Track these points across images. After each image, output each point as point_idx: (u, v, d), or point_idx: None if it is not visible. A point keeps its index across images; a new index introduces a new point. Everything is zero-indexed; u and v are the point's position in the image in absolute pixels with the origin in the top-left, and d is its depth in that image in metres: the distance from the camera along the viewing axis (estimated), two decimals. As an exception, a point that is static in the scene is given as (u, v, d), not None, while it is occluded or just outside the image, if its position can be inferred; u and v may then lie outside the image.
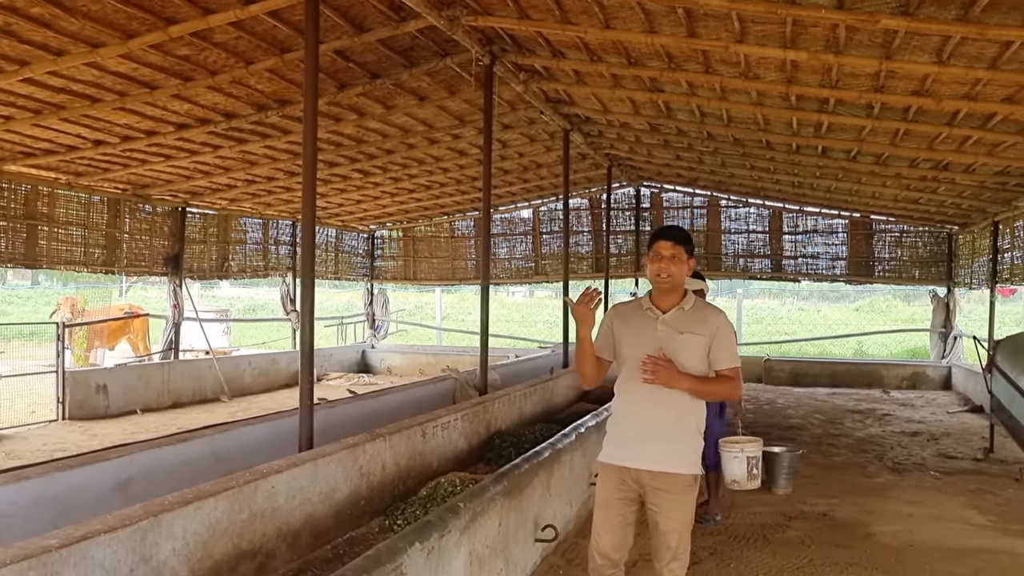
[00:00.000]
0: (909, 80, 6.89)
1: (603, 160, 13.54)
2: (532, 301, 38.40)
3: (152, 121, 9.09)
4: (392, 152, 11.73)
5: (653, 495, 3.65)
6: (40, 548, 2.83)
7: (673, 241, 3.68)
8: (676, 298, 3.72)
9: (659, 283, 3.69)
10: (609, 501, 3.74)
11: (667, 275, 3.65)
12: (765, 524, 6.42)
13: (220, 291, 36.00)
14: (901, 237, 15.81)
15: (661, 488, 3.62)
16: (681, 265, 3.67)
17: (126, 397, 11.84)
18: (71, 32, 6.58)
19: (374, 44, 7.68)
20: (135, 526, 3.18)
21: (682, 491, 3.63)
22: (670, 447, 3.61)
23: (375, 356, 18.17)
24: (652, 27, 6.70)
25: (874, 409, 12.61)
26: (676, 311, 3.69)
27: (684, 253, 3.68)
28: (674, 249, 3.66)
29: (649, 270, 3.73)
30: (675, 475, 3.61)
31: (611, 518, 3.73)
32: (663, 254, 3.66)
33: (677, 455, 3.62)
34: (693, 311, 3.71)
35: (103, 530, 3.06)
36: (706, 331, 3.65)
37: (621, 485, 3.71)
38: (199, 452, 5.29)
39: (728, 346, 3.68)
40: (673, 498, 3.62)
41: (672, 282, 3.67)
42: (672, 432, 3.63)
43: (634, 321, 3.76)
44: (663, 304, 3.72)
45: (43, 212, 11.23)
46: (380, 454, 5.30)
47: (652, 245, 3.73)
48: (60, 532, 3.00)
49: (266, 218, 15.75)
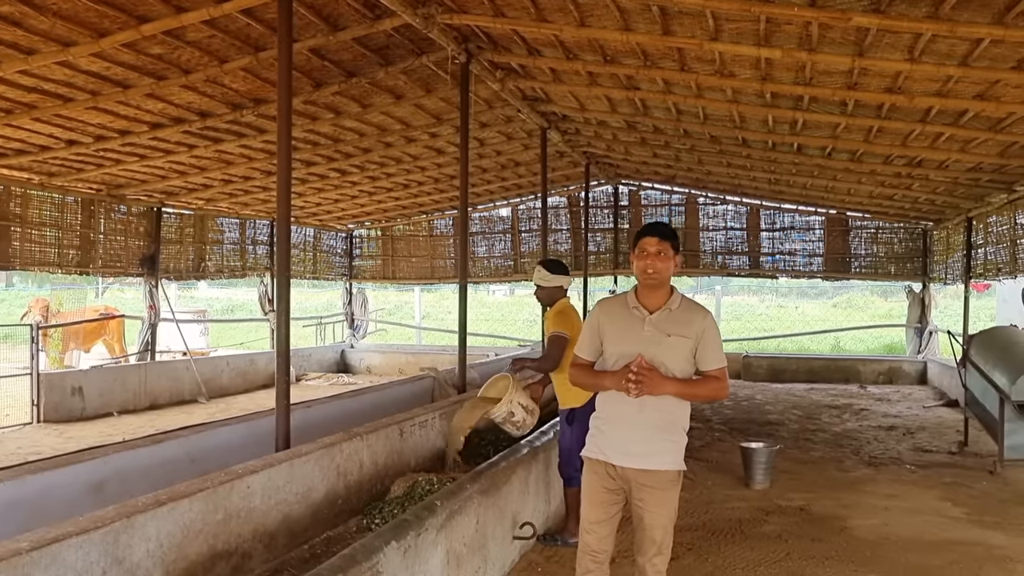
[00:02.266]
0: (882, 77, 6.95)
1: (581, 158, 13.55)
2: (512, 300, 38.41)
3: (126, 120, 9.00)
4: (369, 151, 11.69)
5: (639, 491, 3.67)
6: (10, 551, 2.80)
7: (659, 237, 3.66)
8: (663, 296, 3.70)
9: (646, 280, 3.68)
10: (597, 495, 3.76)
11: (654, 271, 3.64)
12: (742, 519, 6.46)
13: (198, 292, 35.76)
14: (877, 233, 15.93)
15: (646, 484, 3.64)
16: (668, 262, 3.65)
17: (102, 399, 11.73)
18: (41, 31, 6.51)
19: (349, 42, 7.65)
20: (108, 528, 3.16)
21: (667, 487, 3.66)
22: (656, 445, 3.63)
23: (354, 356, 18.11)
24: (627, 25, 6.71)
25: (851, 404, 12.71)
26: (663, 312, 3.67)
27: (671, 249, 3.66)
28: (660, 245, 3.64)
29: (635, 267, 3.71)
30: (661, 472, 3.63)
31: (599, 512, 3.76)
32: (649, 250, 3.65)
33: (663, 452, 3.64)
34: (680, 311, 3.69)
35: (75, 532, 3.04)
36: (692, 333, 3.63)
37: (607, 480, 3.73)
38: (174, 453, 5.25)
39: (714, 347, 3.66)
40: (659, 494, 3.64)
41: (659, 279, 3.66)
42: (658, 430, 3.63)
43: (620, 319, 3.73)
44: (649, 303, 3.70)
45: (15, 213, 11.10)
46: (357, 453, 5.29)
47: (638, 241, 3.71)
48: (31, 535, 2.97)
49: (243, 218, 15.65)
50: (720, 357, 3.68)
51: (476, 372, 10.49)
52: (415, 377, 10.21)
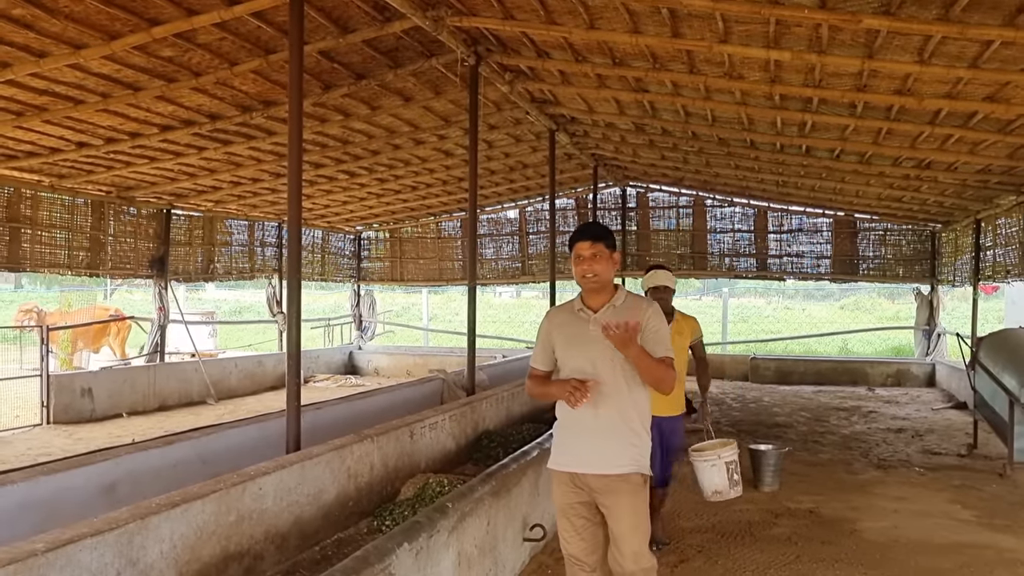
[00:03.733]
0: (891, 79, 6.95)
1: (589, 160, 13.56)
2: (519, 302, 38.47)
3: (136, 123, 9.05)
4: (378, 153, 11.72)
5: (602, 497, 3.59)
6: (26, 552, 2.81)
7: (591, 240, 3.58)
8: (607, 295, 3.64)
9: (586, 284, 3.62)
10: (568, 506, 3.67)
11: (592, 274, 3.57)
12: (752, 521, 6.45)
13: (206, 293, 35.87)
14: (885, 235, 15.90)
15: (608, 489, 3.55)
16: (605, 262, 3.58)
17: (111, 400, 11.78)
18: (53, 33, 6.54)
19: (359, 45, 7.67)
20: (122, 529, 3.17)
21: (631, 491, 3.56)
22: (614, 449, 3.54)
23: (362, 357, 18.14)
24: (637, 27, 6.72)
25: (859, 406, 12.68)
26: (607, 310, 3.60)
27: (605, 249, 3.59)
28: (594, 247, 3.57)
29: (575, 273, 3.64)
30: (622, 476, 3.54)
31: (574, 522, 3.67)
32: (584, 255, 3.58)
33: (622, 456, 3.55)
34: (624, 307, 3.61)
35: (89, 533, 3.05)
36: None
37: (575, 489, 3.64)
38: (185, 455, 5.27)
39: (658, 336, 3.57)
40: (622, 499, 3.55)
41: (600, 280, 3.59)
42: (615, 433, 3.55)
43: (568, 324, 3.68)
44: (594, 303, 3.65)
45: (26, 215, 11.16)
46: (368, 455, 5.30)
47: (571, 248, 3.65)
48: (46, 536, 2.99)
49: (252, 220, 15.70)
50: (666, 346, 3.59)
51: (485, 374, 10.51)
52: (424, 379, 10.22)
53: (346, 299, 20.04)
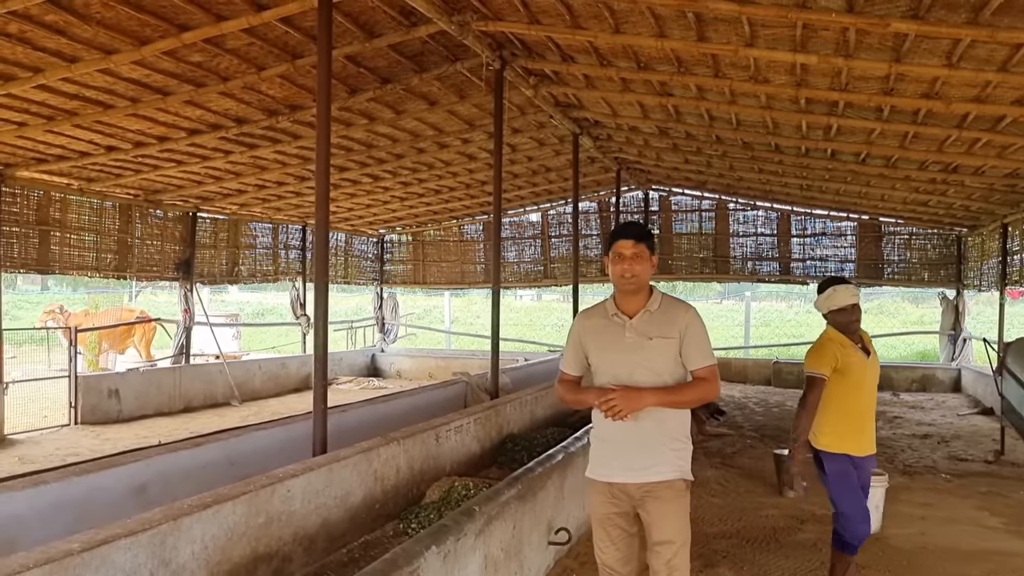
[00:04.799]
0: (919, 83, 6.91)
1: (612, 164, 13.55)
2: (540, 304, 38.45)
3: (164, 127, 9.14)
4: (402, 156, 11.77)
5: (643, 505, 3.46)
6: (62, 552, 2.86)
7: (634, 239, 3.43)
8: (642, 299, 3.48)
9: (624, 285, 3.46)
10: (605, 516, 3.56)
11: (631, 275, 3.42)
12: (777, 527, 6.42)
13: (229, 295, 36.13)
14: (910, 239, 15.77)
15: (649, 496, 3.44)
16: (645, 264, 3.43)
17: (138, 402, 11.90)
18: (85, 39, 6.63)
19: (385, 49, 7.72)
20: (155, 530, 3.21)
21: (672, 498, 3.43)
22: (653, 457, 3.42)
23: (385, 360, 18.21)
24: (662, 31, 6.73)
25: (884, 412, 12.57)
26: (643, 315, 3.44)
27: (647, 250, 3.45)
28: (636, 247, 3.42)
29: (612, 272, 3.47)
30: (662, 483, 3.42)
31: (610, 532, 3.56)
32: (625, 254, 3.43)
33: (661, 463, 3.43)
34: (660, 312, 3.46)
35: (123, 534, 3.09)
36: (675, 332, 3.40)
37: (612, 499, 3.53)
38: (214, 456, 5.32)
39: (699, 344, 3.41)
40: (662, 505, 3.42)
41: (637, 282, 3.44)
42: (655, 441, 3.43)
43: (601, 329, 3.52)
44: (629, 307, 3.49)
45: (55, 218, 11.31)
46: (394, 458, 5.33)
47: (612, 245, 3.48)
48: (81, 536, 3.03)
49: (276, 222, 15.82)
50: (707, 354, 3.42)
51: (508, 377, 10.52)
52: (448, 382, 10.25)
53: (368, 301, 20.15)
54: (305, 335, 16.78)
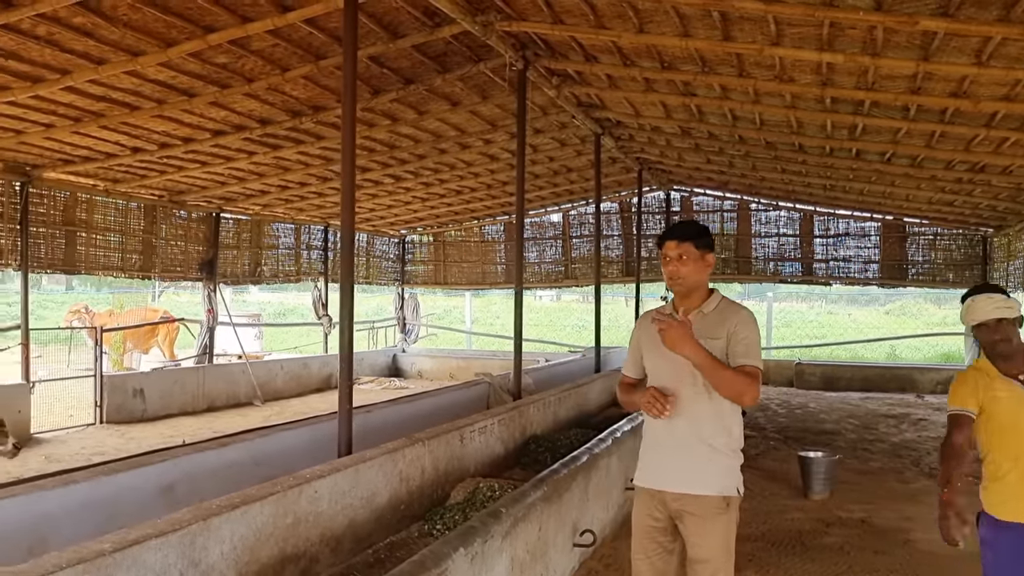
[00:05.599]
0: (947, 82, 6.84)
1: (633, 164, 13.51)
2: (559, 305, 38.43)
3: (189, 128, 9.20)
4: (424, 157, 11.79)
5: (679, 518, 3.31)
6: (94, 552, 2.87)
7: (678, 239, 3.32)
8: (696, 300, 3.36)
9: (672, 286, 3.38)
10: (644, 529, 3.42)
11: (678, 277, 3.32)
12: (803, 530, 6.37)
13: (250, 295, 36.32)
14: (935, 240, 15.61)
15: (685, 510, 3.27)
16: (693, 263, 3.31)
17: (162, 401, 11.98)
18: (112, 41, 6.68)
19: (408, 50, 7.73)
20: (185, 530, 3.22)
21: (710, 515, 3.24)
22: (692, 466, 3.26)
23: (406, 360, 18.23)
24: (686, 31, 6.69)
25: (908, 414, 12.47)
26: (695, 316, 3.30)
27: (694, 249, 3.31)
28: (680, 247, 3.31)
29: (664, 273, 3.39)
30: (699, 497, 3.24)
31: (646, 546, 3.41)
32: (670, 255, 3.33)
33: (702, 474, 3.25)
34: (714, 313, 3.33)
35: (154, 534, 3.10)
36: (723, 333, 3.25)
37: (651, 510, 3.39)
38: (240, 456, 5.34)
39: (746, 343, 3.22)
40: (699, 522, 3.25)
41: (686, 284, 3.33)
42: (693, 449, 3.26)
43: (655, 330, 3.29)
44: (685, 308, 3.36)
45: (81, 218, 11.41)
46: (419, 459, 5.33)
47: (660, 247, 3.40)
48: (113, 536, 3.04)
49: (298, 223, 15.89)
50: (754, 355, 3.21)
51: (530, 378, 10.50)
52: (471, 382, 10.25)
53: (388, 302, 20.18)
54: (327, 335, 16.85)
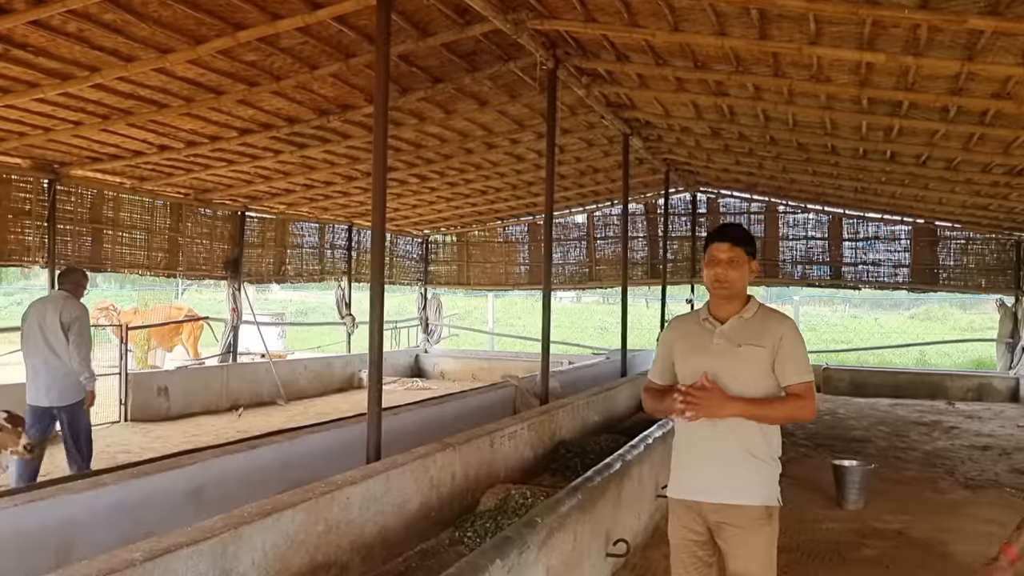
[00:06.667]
0: (990, 82, 6.69)
1: (660, 165, 13.37)
2: (580, 307, 38.16)
3: (216, 126, 9.15)
4: (450, 157, 11.70)
5: (718, 531, 3.20)
6: (125, 562, 2.79)
7: (731, 242, 3.22)
8: (736, 306, 3.27)
9: (717, 290, 3.26)
10: (681, 543, 3.31)
11: (725, 281, 3.22)
12: (839, 541, 6.22)
13: (273, 294, 36.40)
14: (967, 244, 15.38)
15: (725, 522, 3.16)
16: (741, 269, 3.22)
17: (186, 399, 11.95)
18: (141, 38, 6.61)
19: (438, 48, 7.64)
20: (217, 538, 3.13)
21: (751, 526, 3.13)
22: (731, 475, 3.15)
23: (428, 361, 18.15)
24: (722, 29, 6.56)
25: (940, 421, 12.25)
26: (735, 321, 3.23)
27: (744, 255, 3.22)
28: (732, 251, 3.21)
29: (705, 276, 3.28)
30: (740, 507, 3.14)
31: (685, 560, 3.30)
32: (720, 258, 3.22)
33: (740, 484, 3.15)
34: (755, 320, 3.23)
35: (186, 543, 3.02)
36: (768, 342, 3.15)
37: (689, 522, 3.27)
38: (268, 459, 5.26)
39: (795, 357, 3.15)
40: (740, 534, 3.14)
41: (732, 289, 3.23)
42: (734, 458, 3.15)
43: (691, 335, 3.33)
44: (721, 314, 3.28)
45: (108, 216, 11.41)
46: (450, 464, 5.23)
47: (708, 247, 3.28)
48: (144, 544, 2.97)
49: (322, 222, 15.86)
50: (804, 369, 3.15)
51: (556, 381, 10.38)
52: (496, 385, 10.15)
53: (409, 301, 20.12)
54: (350, 335, 16.80)
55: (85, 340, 6.91)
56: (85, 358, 6.88)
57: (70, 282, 7.17)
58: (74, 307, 6.94)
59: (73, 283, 7.17)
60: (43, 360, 6.77)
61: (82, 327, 6.89)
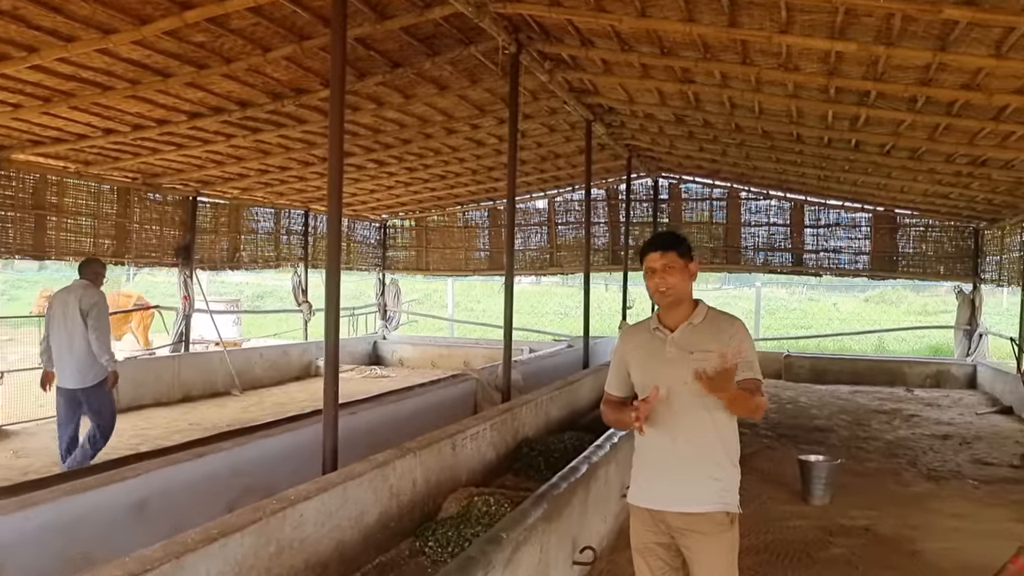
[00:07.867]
0: (961, 73, 6.59)
1: (623, 151, 13.21)
2: (540, 289, 37.93)
3: (164, 110, 8.77)
4: (409, 142, 11.41)
5: (681, 537, 3.22)
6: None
7: (661, 250, 3.22)
8: (684, 312, 3.27)
9: (660, 299, 3.26)
10: (645, 546, 3.32)
11: (666, 288, 3.21)
12: (807, 540, 6.11)
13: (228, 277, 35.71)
14: (926, 232, 15.44)
15: (688, 529, 3.19)
16: (679, 272, 3.22)
17: (136, 391, 11.53)
18: (82, 17, 6.24)
19: (396, 32, 7.36)
20: (157, 570, 2.87)
21: (714, 532, 3.17)
22: (694, 483, 3.18)
23: (387, 347, 17.86)
24: (691, 16, 6.39)
25: (900, 409, 12.29)
26: (685, 328, 3.24)
27: (679, 258, 3.22)
28: (664, 258, 3.21)
29: (648, 288, 3.28)
30: (702, 515, 3.16)
31: (651, 563, 3.31)
32: (654, 267, 3.22)
33: (703, 492, 3.17)
34: (704, 325, 3.25)
35: (121, 578, 2.76)
36: (718, 345, 3.10)
37: (652, 527, 3.29)
38: (217, 467, 4.98)
39: (747, 356, 3.16)
40: (703, 540, 3.17)
41: (674, 294, 3.23)
42: (695, 466, 3.18)
43: (644, 345, 3.33)
44: (671, 321, 3.28)
45: (52, 202, 10.95)
46: (411, 471, 5.00)
47: (642, 261, 3.28)
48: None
49: (278, 207, 15.46)
50: (756, 367, 3.20)
51: (518, 372, 10.16)
52: (457, 377, 9.90)
53: (367, 286, 19.78)
54: (307, 322, 16.45)
55: (103, 325, 7.50)
56: (104, 342, 7.47)
57: (90, 271, 7.72)
58: (93, 295, 7.52)
59: (93, 272, 7.72)
60: (67, 345, 7.39)
61: (100, 313, 7.47)
